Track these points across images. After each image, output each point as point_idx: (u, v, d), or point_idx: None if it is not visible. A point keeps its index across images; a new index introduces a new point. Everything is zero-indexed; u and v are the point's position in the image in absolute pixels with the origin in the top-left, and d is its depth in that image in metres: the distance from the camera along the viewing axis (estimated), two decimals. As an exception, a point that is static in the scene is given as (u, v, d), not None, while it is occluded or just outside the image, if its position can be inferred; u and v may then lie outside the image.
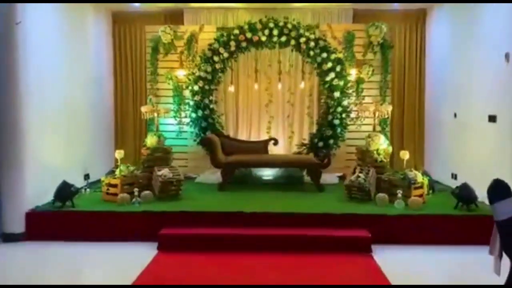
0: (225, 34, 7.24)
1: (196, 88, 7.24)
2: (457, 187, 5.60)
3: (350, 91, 7.35)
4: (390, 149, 6.62)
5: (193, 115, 7.33)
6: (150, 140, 6.66)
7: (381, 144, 6.48)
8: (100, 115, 7.67)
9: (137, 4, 7.65)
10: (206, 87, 7.25)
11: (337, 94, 7.13)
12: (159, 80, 7.78)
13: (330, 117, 7.18)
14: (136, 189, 5.72)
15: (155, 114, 6.84)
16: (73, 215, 5.43)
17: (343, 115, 7.21)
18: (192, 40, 7.63)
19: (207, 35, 7.55)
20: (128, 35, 8.24)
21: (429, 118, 7.90)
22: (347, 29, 7.61)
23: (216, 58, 7.19)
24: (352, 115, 7.47)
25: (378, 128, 7.49)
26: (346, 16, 7.94)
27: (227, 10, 7.93)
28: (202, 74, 7.21)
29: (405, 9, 7.93)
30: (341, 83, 7.15)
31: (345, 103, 7.20)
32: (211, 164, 6.75)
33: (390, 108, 6.74)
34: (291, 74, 7.89)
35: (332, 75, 7.12)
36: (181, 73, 7.65)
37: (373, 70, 7.54)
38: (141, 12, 8.11)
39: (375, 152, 6.43)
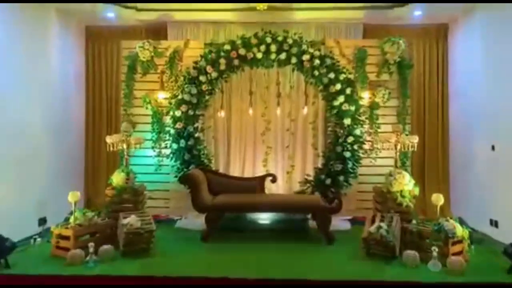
0: (213, 50, 6.08)
1: (178, 113, 6.02)
2: (511, 244, 4.28)
3: (362, 117, 6.13)
4: (417, 190, 5.33)
5: (174, 145, 6.08)
6: (117, 178, 5.36)
7: (406, 185, 5.19)
8: (65, 145, 6.43)
9: (113, 17, 6.54)
10: (191, 112, 6.03)
11: (347, 121, 5.92)
12: (136, 104, 6.58)
13: (339, 148, 5.94)
14: (91, 244, 4.40)
15: (124, 146, 5.58)
16: (4, 279, 4.09)
17: (355, 147, 5.97)
18: (175, 57, 6.48)
19: (193, 52, 6.39)
20: (104, 52, 7.11)
21: (456, 150, 6.65)
22: (358, 45, 6.46)
23: (202, 78, 6.01)
24: (366, 146, 6.22)
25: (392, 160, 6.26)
26: (355, 31, 6.82)
27: (217, 24, 6.82)
28: (186, 97, 6.01)
29: (424, 24, 6.82)
30: (352, 108, 5.94)
31: (357, 132, 5.98)
32: (193, 207, 5.44)
33: (415, 139, 5.50)
34: (292, 98, 6.70)
35: (341, 98, 5.92)
36: (161, 96, 6.46)
37: (389, 93, 6.34)
38: (118, 27, 7.01)
39: (398, 194, 5.13)
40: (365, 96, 6.30)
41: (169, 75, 6.48)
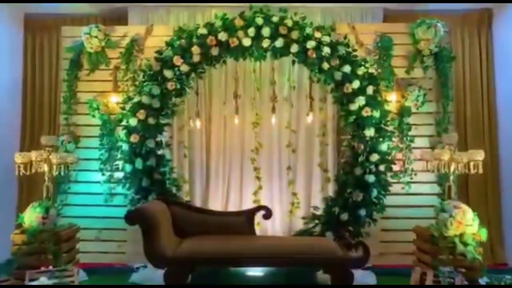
0: (184, 35, 4.41)
1: (133, 122, 4.30)
2: None
3: (390, 127, 4.45)
4: (485, 234, 3.55)
5: (128, 167, 4.34)
6: (29, 217, 3.57)
7: (470, 226, 3.43)
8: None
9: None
10: (151, 120, 4.31)
11: (369, 132, 4.23)
12: (80, 111, 4.85)
13: (358, 170, 4.23)
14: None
15: (46, 167, 3.82)
16: None
17: (381, 167, 4.27)
18: (133, 47, 4.79)
19: (159, 41, 4.66)
20: (47, 45, 5.42)
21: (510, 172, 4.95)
22: (380, 31, 4.82)
23: (168, 74, 4.32)
24: (395, 167, 4.51)
25: (436, 187, 4.58)
26: (373, 17, 5.20)
27: (194, 8, 5.18)
28: (145, 99, 4.31)
29: (463, 10, 5.23)
30: (376, 114, 4.27)
31: (383, 147, 4.29)
32: (146, 259, 3.64)
33: (480, 155, 3.78)
34: (292, 102, 4.99)
35: (360, 101, 4.25)
36: (114, 100, 4.74)
37: (424, 95, 4.66)
38: (66, 15, 5.37)
39: (458, 240, 3.37)
40: (392, 99, 4.62)
41: (124, 72, 4.78)
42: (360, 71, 4.33)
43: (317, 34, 4.33)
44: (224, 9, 4.84)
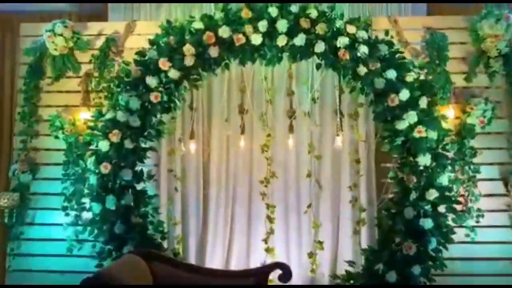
0: (173, 31, 3.33)
1: (104, 146, 3.19)
2: None
3: (451, 153, 3.31)
4: None
5: (96, 206, 3.21)
6: None
7: None
8: None
9: None
10: (128, 143, 3.20)
11: (424, 159, 3.11)
12: (41, 132, 3.74)
13: (410, 212, 3.09)
14: None
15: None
16: None
17: (441, 208, 3.12)
18: (109, 49, 3.70)
19: (144, 41, 3.53)
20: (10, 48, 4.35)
21: None
22: (429, 25, 3.70)
23: (151, 82, 3.22)
24: (458, 207, 3.33)
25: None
26: (413, 9, 4.09)
27: (190, 5, 4.09)
28: (120, 116, 3.21)
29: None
30: (433, 135, 3.14)
31: (443, 179, 3.14)
32: None
33: None
34: (315, 119, 3.83)
35: (411, 116, 3.13)
36: (84, 117, 3.64)
37: (493, 109, 3.50)
38: (32, 13, 4.30)
39: None
40: (449, 115, 3.47)
41: (98, 80, 3.69)
42: (409, 77, 3.22)
43: (351, 29, 3.23)
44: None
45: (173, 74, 3.23)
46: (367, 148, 3.73)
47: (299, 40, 3.21)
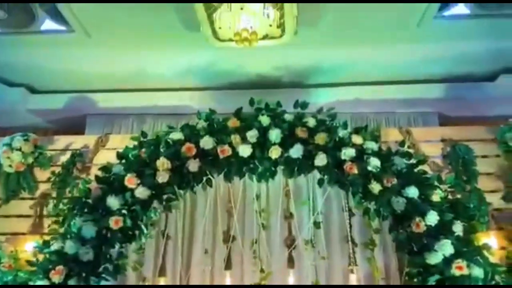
0: (146, 143, 2.81)
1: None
2: None
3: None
4: None
5: None
6: None
7: None
8: None
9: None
10: (74, 283, 2.41)
11: (470, 308, 2.26)
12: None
13: None
14: None
15: None
16: None
17: None
18: (73, 165, 3.15)
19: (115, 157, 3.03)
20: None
21: None
22: (449, 136, 3.18)
23: (113, 203, 2.58)
24: None
25: None
26: (424, 122, 3.66)
27: (179, 116, 3.71)
28: (68, 247, 2.49)
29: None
30: (478, 272, 2.36)
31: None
32: None
33: None
34: (319, 250, 3.05)
35: (446, 247, 2.38)
36: (30, 248, 2.91)
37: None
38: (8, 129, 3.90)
39: None
40: (491, 244, 2.71)
41: (56, 202, 3.05)
42: (436, 196, 2.57)
43: (357, 139, 2.70)
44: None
45: (141, 193, 2.62)
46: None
47: (295, 151, 2.67)
